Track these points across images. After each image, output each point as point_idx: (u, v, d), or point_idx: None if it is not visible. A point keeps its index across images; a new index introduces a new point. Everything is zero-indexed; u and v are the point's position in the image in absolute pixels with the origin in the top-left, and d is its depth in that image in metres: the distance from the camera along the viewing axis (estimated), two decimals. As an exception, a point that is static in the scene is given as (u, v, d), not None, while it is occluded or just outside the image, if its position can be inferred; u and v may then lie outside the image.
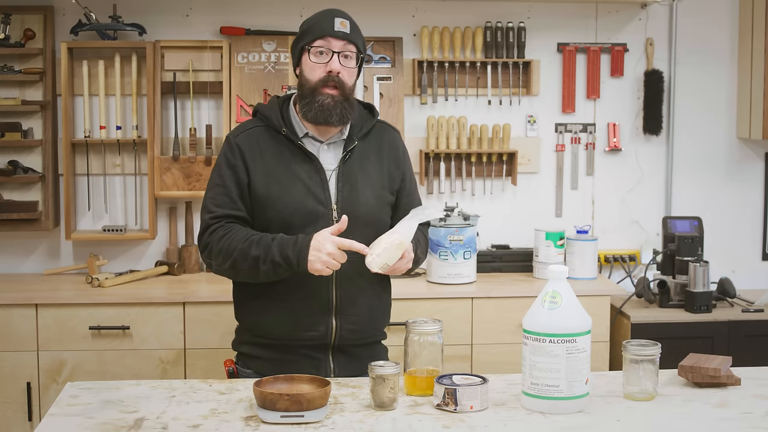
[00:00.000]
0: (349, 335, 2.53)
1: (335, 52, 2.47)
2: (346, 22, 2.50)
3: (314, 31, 2.49)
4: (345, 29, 2.49)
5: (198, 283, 3.83)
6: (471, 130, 4.09)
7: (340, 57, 2.47)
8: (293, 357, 2.51)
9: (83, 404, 2.19)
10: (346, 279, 2.50)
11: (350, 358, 2.55)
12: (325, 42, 2.47)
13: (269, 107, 2.57)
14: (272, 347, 2.53)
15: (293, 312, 2.49)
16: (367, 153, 2.57)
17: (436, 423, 2.07)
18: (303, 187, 2.48)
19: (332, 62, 2.47)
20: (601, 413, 2.14)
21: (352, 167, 2.53)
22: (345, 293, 2.51)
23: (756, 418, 2.11)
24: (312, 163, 2.50)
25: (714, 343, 3.76)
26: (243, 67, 3.96)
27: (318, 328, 2.50)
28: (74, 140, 3.91)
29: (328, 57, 2.47)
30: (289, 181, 2.48)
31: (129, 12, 3.95)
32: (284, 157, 2.50)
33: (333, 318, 2.51)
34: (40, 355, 3.53)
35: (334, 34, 2.47)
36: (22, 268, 4.04)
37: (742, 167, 4.29)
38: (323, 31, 2.47)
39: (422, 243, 2.63)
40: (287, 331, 2.50)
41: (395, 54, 4.03)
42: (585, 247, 3.92)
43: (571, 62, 4.15)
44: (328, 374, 2.52)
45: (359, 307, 2.53)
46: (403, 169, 2.64)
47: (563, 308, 2.12)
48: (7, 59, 3.90)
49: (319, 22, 2.50)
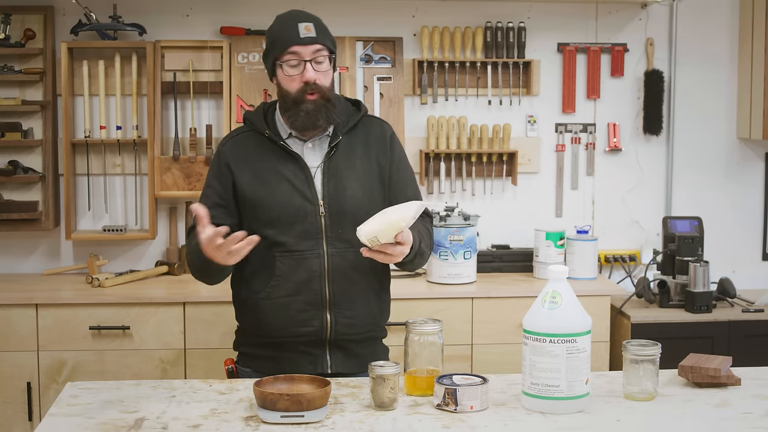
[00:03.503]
0: (345, 330, 2.53)
1: (306, 60, 2.46)
2: (310, 26, 2.48)
3: (281, 43, 2.48)
4: (311, 33, 2.47)
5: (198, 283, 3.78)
6: (471, 130, 4.09)
7: (313, 63, 2.47)
8: (291, 354, 2.53)
9: (83, 404, 2.19)
10: (339, 273, 2.51)
11: (348, 354, 2.56)
12: (294, 54, 2.46)
13: (255, 113, 2.62)
14: (270, 345, 2.55)
15: (287, 308, 2.51)
16: (353, 147, 2.58)
17: (436, 423, 2.07)
18: (289, 186, 2.51)
19: (306, 72, 2.46)
20: (601, 413, 2.14)
21: (338, 162, 2.55)
22: (338, 287, 2.52)
23: (756, 418, 2.11)
24: (296, 162, 2.53)
25: (714, 343, 3.76)
26: (243, 67, 3.96)
27: (313, 324, 2.51)
28: (74, 140, 3.91)
29: (302, 67, 2.47)
30: (275, 181, 2.52)
31: (129, 12, 3.95)
32: (269, 159, 2.54)
33: (327, 312, 2.52)
34: (40, 355, 3.53)
35: (300, 41, 2.46)
36: (22, 268, 4.04)
37: (742, 167, 4.29)
38: (290, 41, 2.46)
39: (426, 238, 2.60)
40: (283, 327, 2.51)
41: (395, 54, 4.03)
42: (585, 247, 3.92)
43: (571, 62, 4.15)
44: (326, 370, 2.53)
45: (354, 302, 2.54)
46: (391, 156, 2.62)
47: (563, 308, 2.12)
48: (7, 59, 3.90)
49: (283, 32, 2.49)
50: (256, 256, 2.51)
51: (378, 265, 2.56)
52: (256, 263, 2.53)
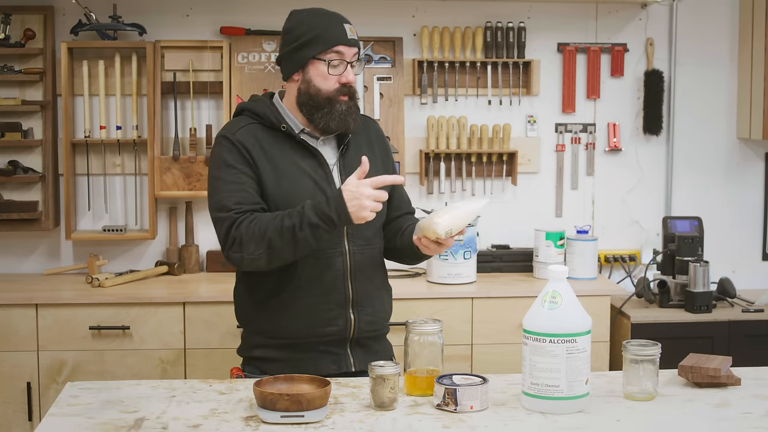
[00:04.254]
0: (366, 327, 2.53)
1: (348, 62, 2.45)
2: (353, 28, 2.49)
3: (327, 40, 2.43)
4: (354, 36, 2.47)
5: (198, 283, 3.83)
6: (471, 130, 4.09)
7: (351, 66, 2.47)
8: (313, 354, 2.50)
9: (83, 404, 2.19)
10: (361, 272, 2.51)
11: (367, 351, 2.55)
12: (338, 54, 2.44)
13: (260, 105, 2.52)
14: (290, 347, 2.50)
15: (311, 308, 2.47)
16: (360, 145, 2.58)
17: (436, 423, 2.07)
18: (311, 182, 2.46)
19: (347, 73, 2.45)
20: (601, 413, 2.14)
21: (351, 160, 2.53)
22: (360, 286, 2.51)
23: (756, 418, 2.11)
24: (315, 158, 2.50)
25: (714, 343, 3.76)
26: (243, 67, 3.96)
27: (337, 323, 2.49)
28: (74, 140, 3.91)
29: (343, 68, 2.45)
30: (297, 177, 2.46)
31: (129, 12, 3.95)
32: (287, 153, 2.47)
33: (351, 311, 2.50)
34: (40, 355, 3.53)
35: (347, 42, 2.45)
36: (22, 268, 4.04)
37: (742, 167, 4.29)
38: (337, 40, 2.44)
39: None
40: (306, 328, 2.48)
41: (395, 54, 4.03)
42: (585, 247, 3.92)
43: (571, 62, 4.15)
44: (349, 368, 2.52)
45: (373, 299, 2.54)
46: (388, 155, 2.67)
47: (563, 308, 2.12)
48: (7, 59, 3.90)
49: (328, 30, 2.45)
50: None
51: (383, 261, 2.61)
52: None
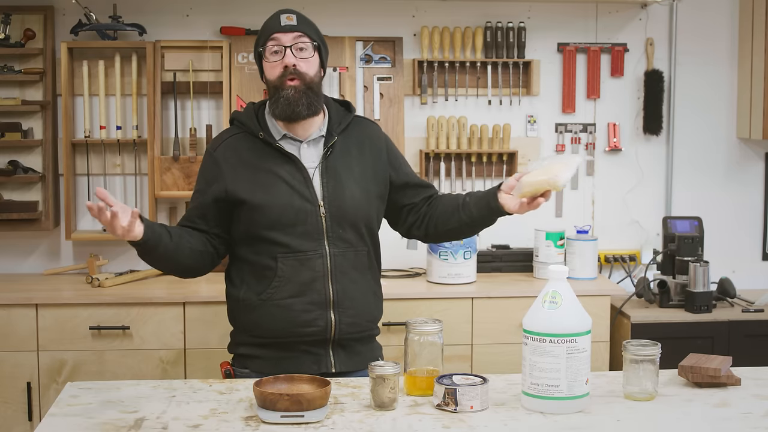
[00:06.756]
0: (348, 329, 2.54)
1: (286, 46, 2.51)
2: (292, 16, 2.55)
3: (264, 33, 2.57)
4: (291, 22, 2.54)
5: (198, 283, 3.82)
6: (471, 130, 4.09)
7: (293, 50, 2.51)
8: (293, 354, 2.53)
9: (83, 404, 2.19)
10: (342, 273, 2.52)
11: (349, 352, 2.56)
12: (275, 40, 2.52)
13: (245, 114, 2.62)
14: (271, 346, 2.54)
15: (291, 309, 2.50)
16: (348, 148, 2.59)
17: (436, 423, 2.07)
18: (287, 187, 2.50)
19: (286, 57, 2.51)
20: (601, 413, 2.14)
21: (335, 162, 2.55)
22: (341, 287, 2.52)
23: (756, 418, 2.11)
24: (293, 163, 2.53)
25: (714, 343, 3.76)
26: (243, 67, 3.96)
27: (317, 323, 2.51)
28: (74, 140, 3.91)
29: (282, 53, 2.51)
30: (272, 183, 2.51)
31: (129, 12, 3.95)
32: (264, 161, 2.53)
33: (331, 312, 2.52)
34: (40, 355, 3.53)
35: (281, 29, 2.52)
36: (22, 268, 4.04)
37: (742, 167, 4.29)
38: (271, 29, 2.54)
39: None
40: (286, 328, 2.51)
41: (395, 54, 4.03)
42: (585, 247, 3.92)
43: (571, 62, 4.15)
44: (329, 369, 2.53)
45: (355, 300, 2.55)
46: (389, 157, 2.66)
47: (563, 308, 2.12)
48: (7, 59, 3.90)
49: (266, 24, 2.58)
50: (256, 257, 2.52)
51: (373, 263, 2.61)
52: (257, 264, 2.53)
